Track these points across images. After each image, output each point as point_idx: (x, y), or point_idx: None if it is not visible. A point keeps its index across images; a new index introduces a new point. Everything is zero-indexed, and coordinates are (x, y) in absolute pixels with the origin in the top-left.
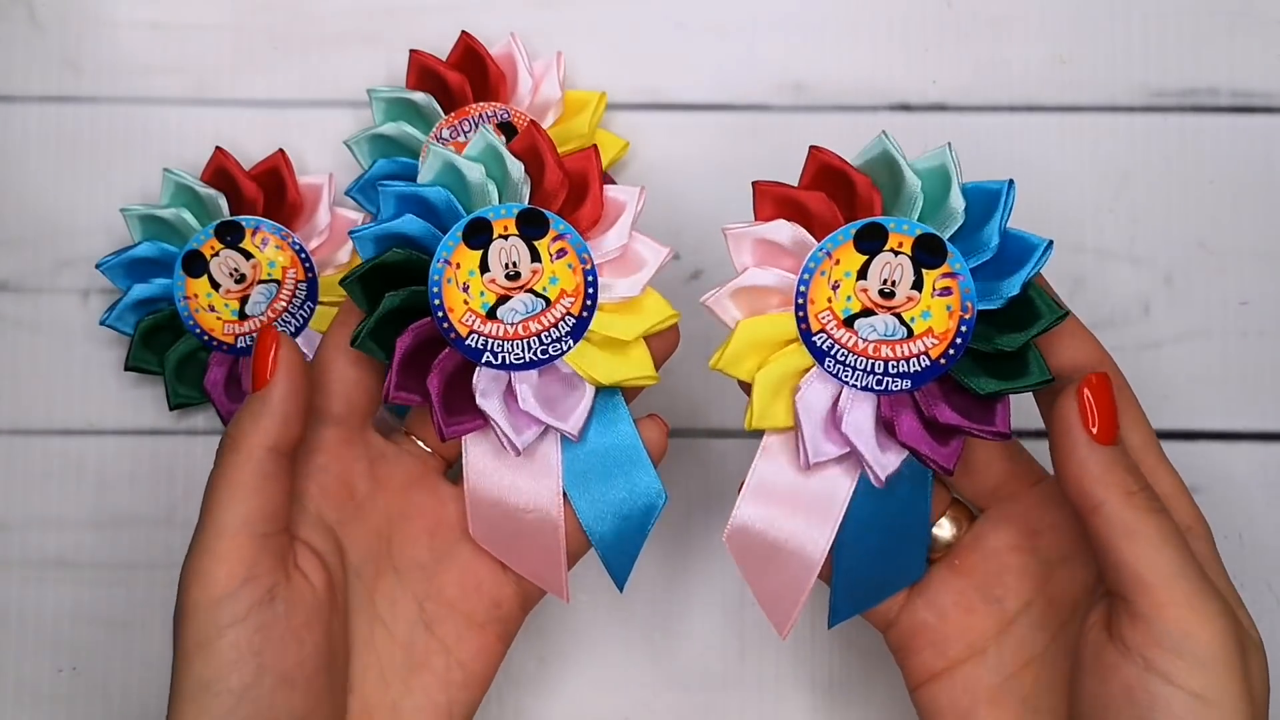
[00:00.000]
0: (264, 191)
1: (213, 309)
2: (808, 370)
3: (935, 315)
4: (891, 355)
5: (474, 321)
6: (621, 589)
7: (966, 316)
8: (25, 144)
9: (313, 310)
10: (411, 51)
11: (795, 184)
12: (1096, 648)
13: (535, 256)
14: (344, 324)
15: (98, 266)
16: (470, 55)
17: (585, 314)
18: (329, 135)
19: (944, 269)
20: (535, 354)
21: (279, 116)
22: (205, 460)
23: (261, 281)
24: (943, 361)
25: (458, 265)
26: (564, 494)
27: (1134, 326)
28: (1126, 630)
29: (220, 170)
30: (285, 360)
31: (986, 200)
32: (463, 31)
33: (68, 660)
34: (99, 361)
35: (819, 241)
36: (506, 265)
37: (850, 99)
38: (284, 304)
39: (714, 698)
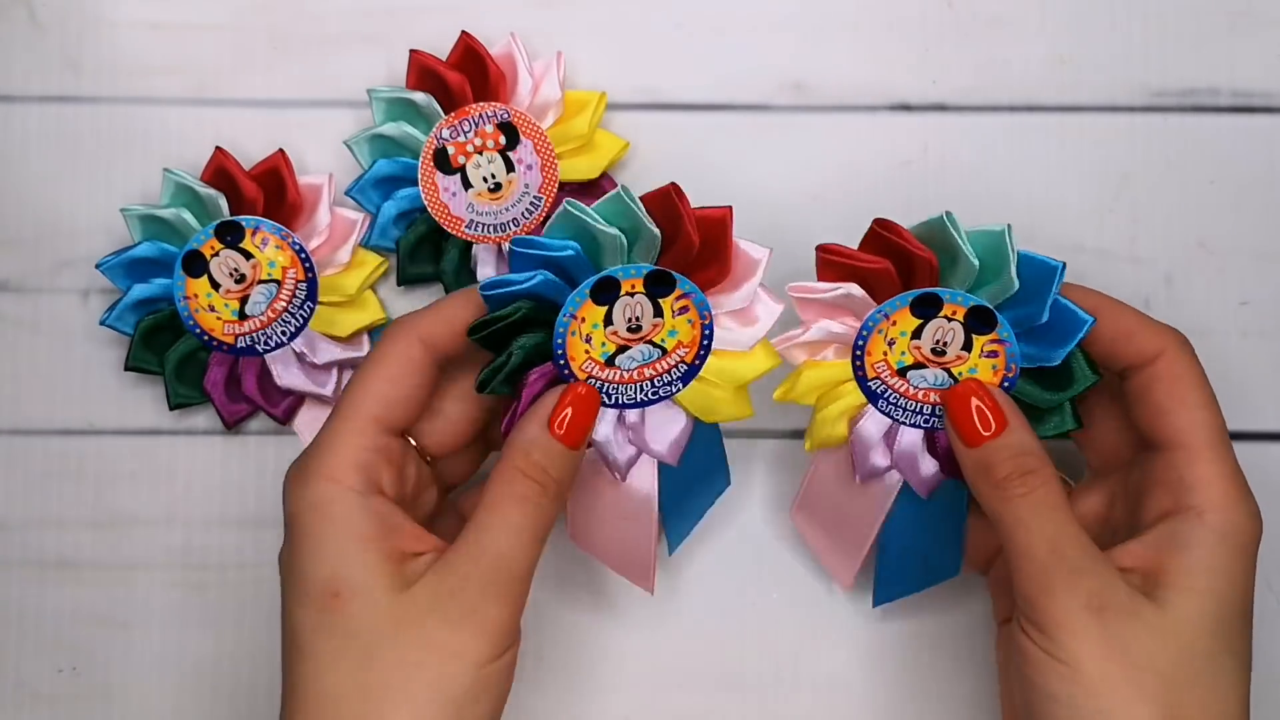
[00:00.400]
0: (264, 191)
1: (213, 309)
2: (862, 406)
3: (981, 372)
4: (940, 401)
5: (592, 368)
6: (670, 553)
7: (1010, 375)
8: (25, 144)
9: (312, 310)
10: (411, 51)
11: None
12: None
13: (658, 312)
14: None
15: (98, 266)
16: (470, 55)
17: (698, 362)
18: (329, 135)
19: (993, 335)
20: (646, 395)
21: (279, 116)
22: (205, 460)
23: (261, 281)
24: None
25: (583, 319)
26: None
27: None
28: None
29: (220, 170)
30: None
31: (1040, 272)
32: (463, 31)
33: (68, 660)
34: (99, 361)
35: (877, 303)
36: (630, 319)
37: (850, 99)
38: (284, 304)
39: (714, 698)
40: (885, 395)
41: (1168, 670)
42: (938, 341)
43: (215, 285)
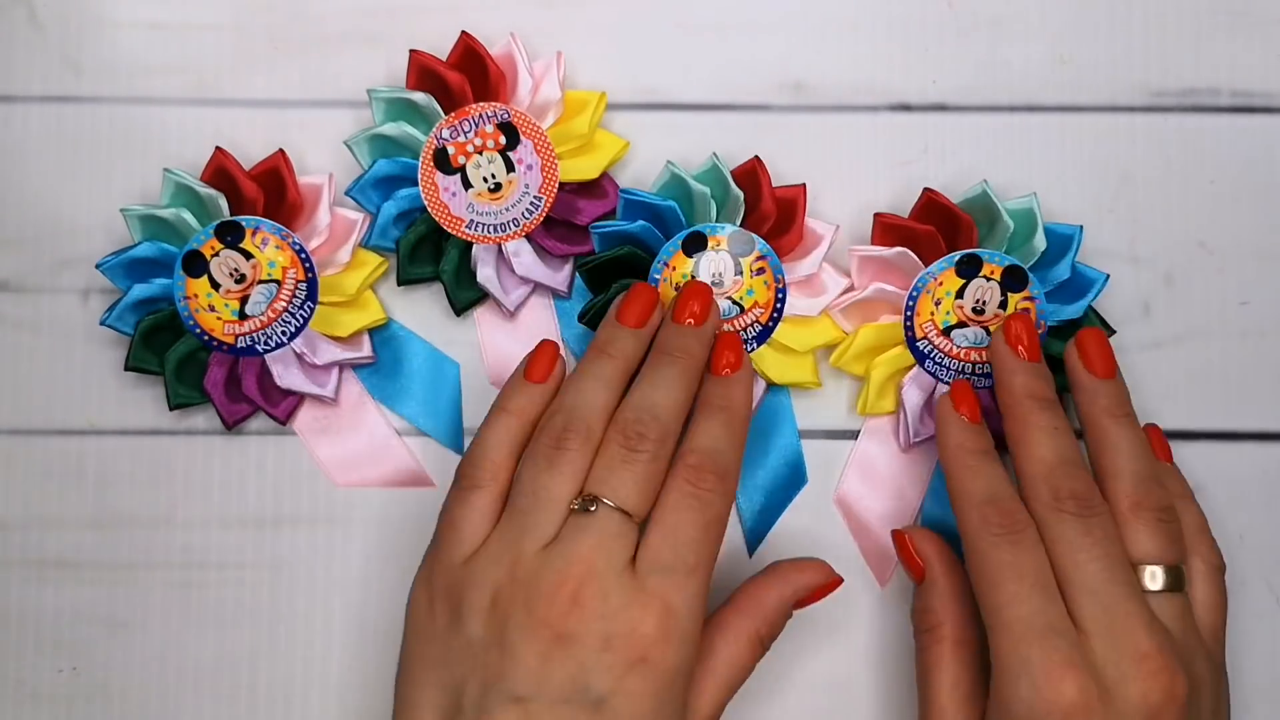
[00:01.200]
0: (264, 191)
1: (213, 309)
2: (909, 369)
3: None
4: (979, 359)
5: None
6: (751, 555)
7: (1041, 330)
8: (25, 144)
9: (312, 310)
10: (411, 51)
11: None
12: None
13: (738, 270)
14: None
15: (98, 267)
16: (470, 55)
17: (771, 324)
18: (329, 135)
19: (1025, 294)
20: None
21: (279, 116)
22: (205, 460)
23: (261, 281)
24: None
25: (674, 268)
26: None
27: (1134, 326)
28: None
29: (220, 170)
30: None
31: (1061, 241)
32: (463, 31)
33: (68, 660)
34: (99, 361)
35: (926, 265)
36: (714, 274)
37: (850, 99)
38: (284, 304)
39: None
40: (931, 355)
41: None
42: (978, 300)
43: (215, 285)
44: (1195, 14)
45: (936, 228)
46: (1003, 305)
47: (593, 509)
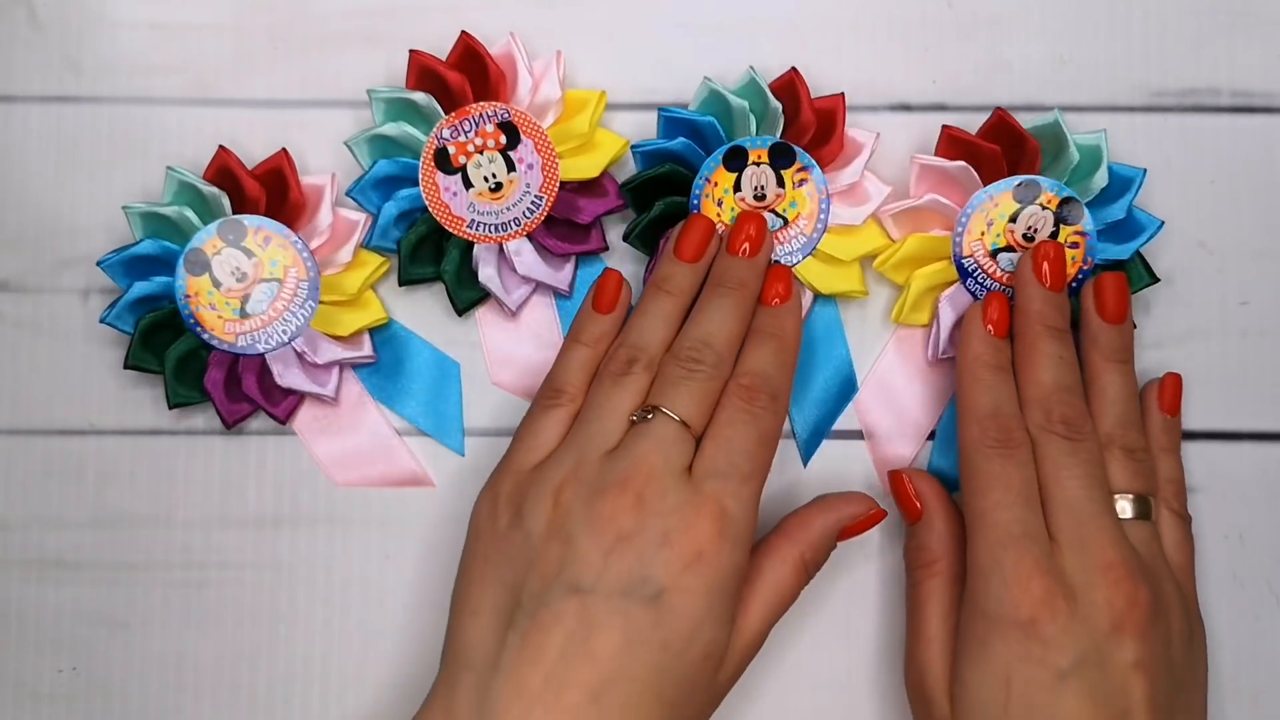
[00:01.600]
0: (267, 191)
1: (214, 307)
2: (949, 285)
3: None
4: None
5: (722, 230)
6: (805, 465)
7: (1086, 267)
8: (25, 144)
9: (314, 309)
10: (411, 51)
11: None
12: None
13: (780, 183)
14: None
15: (99, 264)
16: (470, 55)
17: (816, 235)
18: (329, 135)
19: (1078, 228)
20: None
21: (279, 116)
22: (205, 460)
23: (263, 280)
24: None
25: (715, 183)
26: None
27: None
28: None
29: (223, 169)
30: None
31: (1122, 182)
32: (462, 31)
33: (68, 660)
34: (99, 361)
35: (985, 184)
36: (756, 188)
37: (850, 99)
38: (285, 303)
39: None
40: (975, 274)
41: None
42: (1030, 228)
43: (216, 284)
44: (1195, 14)
45: (1002, 149)
46: (1054, 236)
47: (650, 417)
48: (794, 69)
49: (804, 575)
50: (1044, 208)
